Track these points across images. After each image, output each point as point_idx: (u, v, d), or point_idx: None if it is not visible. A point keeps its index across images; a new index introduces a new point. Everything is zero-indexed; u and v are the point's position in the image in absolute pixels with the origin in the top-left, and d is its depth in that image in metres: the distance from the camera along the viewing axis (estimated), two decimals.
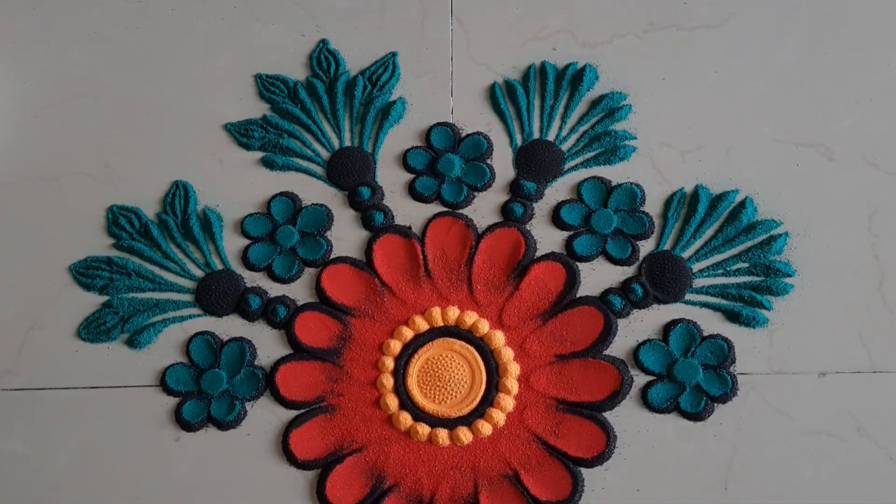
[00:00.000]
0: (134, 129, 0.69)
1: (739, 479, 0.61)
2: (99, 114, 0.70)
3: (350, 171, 0.67)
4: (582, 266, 0.65)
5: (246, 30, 0.70)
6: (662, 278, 0.64)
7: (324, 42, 0.70)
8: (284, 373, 0.64)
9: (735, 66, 0.67)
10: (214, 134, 0.69)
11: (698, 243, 0.64)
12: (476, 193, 0.67)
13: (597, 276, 0.64)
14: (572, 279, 0.64)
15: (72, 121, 0.70)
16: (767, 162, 0.65)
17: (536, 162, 0.66)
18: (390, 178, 0.67)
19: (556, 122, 0.67)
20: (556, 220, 0.65)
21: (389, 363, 0.63)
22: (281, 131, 0.68)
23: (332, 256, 0.66)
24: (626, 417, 0.62)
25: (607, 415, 0.62)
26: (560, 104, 0.67)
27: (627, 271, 0.64)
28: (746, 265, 0.63)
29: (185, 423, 0.63)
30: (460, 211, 0.66)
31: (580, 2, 0.69)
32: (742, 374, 0.62)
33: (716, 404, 0.62)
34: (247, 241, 0.67)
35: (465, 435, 0.62)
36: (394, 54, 0.69)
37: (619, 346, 0.63)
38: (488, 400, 0.63)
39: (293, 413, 0.63)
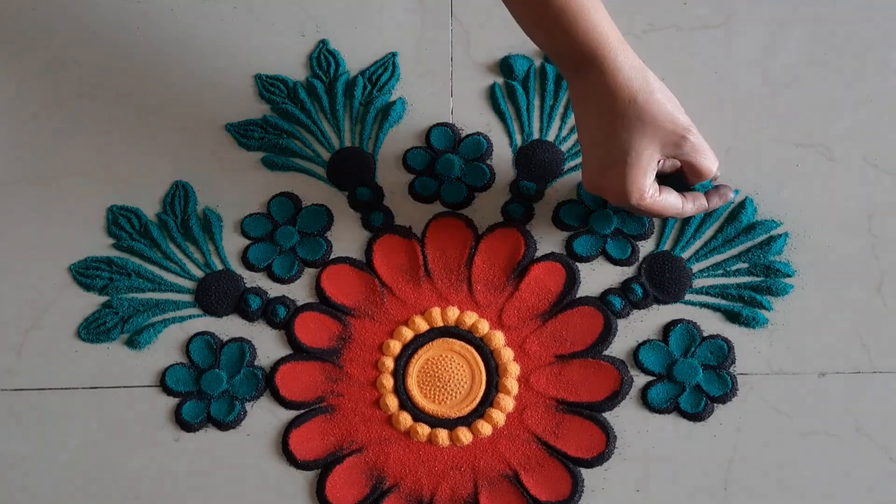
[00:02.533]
0: (134, 129, 0.69)
1: (739, 479, 0.61)
2: (99, 114, 0.70)
3: (350, 172, 0.67)
4: (582, 266, 0.65)
5: (245, 30, 0.70)
6: (662, 278, 0.64)
7: (324, 42, 0.70)
8: (284, 373, 0.64)
9: (735, 66, 0.67)
10: (214, 134, 0.69)
11: (698, 243, 0.64)
12: (476, 194, 0.67)
13: (597, 277, 0.64)
14: (572, 279, 0.64)
15: (72, 121, 0.70)
16: (767, 162, 0.65)
17: (536, 162, 0.66)
18: (390, 179, 0.67)
19: (556, 123, 0.67)
20: (556, 220, 0.65)
21: (389, 363, 0.63)
22: (281, 132, 0.68)
23: (332, 257, 0.66)
24: (626, 418, 0.62)
25: (607, 415, 0.62)
26: (560, 104, 0.67)
27: (627, 272, 0.64)
28: (746, 265, 0.63)
29: (184, 424, 0.63)
30: (460, 211, 0.66)
31: None
32: (742, 374, 0.62)
33: (716, 404, 0.61)
34: (247, 242, 0.67)
35: (464, 435, 0.62)
36: (394, 54, 0.69)
37: (619, 347, 0.63)
38: (488, 400, 0.63)
39: (293, 413, 0.63)
